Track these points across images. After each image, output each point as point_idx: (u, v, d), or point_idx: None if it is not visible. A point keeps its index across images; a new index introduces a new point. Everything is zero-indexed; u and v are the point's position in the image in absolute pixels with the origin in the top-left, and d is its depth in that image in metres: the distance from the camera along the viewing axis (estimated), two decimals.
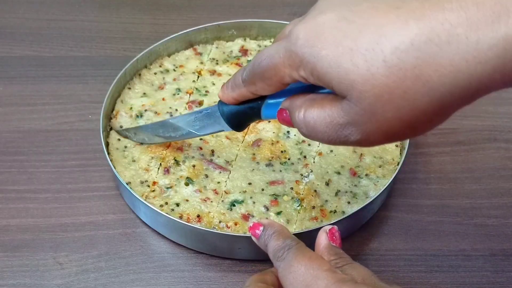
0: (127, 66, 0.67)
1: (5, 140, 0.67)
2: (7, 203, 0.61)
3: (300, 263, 0.41)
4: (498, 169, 0.66)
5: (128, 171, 0.60)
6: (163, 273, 0.56)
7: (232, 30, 0.75)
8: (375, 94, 0.34)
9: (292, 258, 0.42)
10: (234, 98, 0.46)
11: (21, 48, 0.80)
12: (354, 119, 0.36)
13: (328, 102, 0.38)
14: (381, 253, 0.58)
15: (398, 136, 0.38)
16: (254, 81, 0.43)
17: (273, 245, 0.45)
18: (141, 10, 0.87)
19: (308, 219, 0.57)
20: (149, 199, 0.58)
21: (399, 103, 0.34)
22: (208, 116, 0.52)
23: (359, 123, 0.36)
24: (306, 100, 0.40)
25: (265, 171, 0.60)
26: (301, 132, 0.41)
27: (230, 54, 0.74)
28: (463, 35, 0.32)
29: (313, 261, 0.41)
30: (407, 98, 0.34)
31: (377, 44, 0.33)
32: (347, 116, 0.37)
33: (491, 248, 0.58)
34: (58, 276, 0.55)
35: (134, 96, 0.68)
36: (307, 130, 0.40)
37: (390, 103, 0.34)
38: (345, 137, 0.38)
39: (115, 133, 0.64)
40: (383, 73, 0.34)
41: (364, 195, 0.59)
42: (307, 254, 0.42)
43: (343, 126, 0.37)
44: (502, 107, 0.72)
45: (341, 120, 0.37)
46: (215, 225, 0.56)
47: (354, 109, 0.36)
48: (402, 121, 0.35)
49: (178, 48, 0.74)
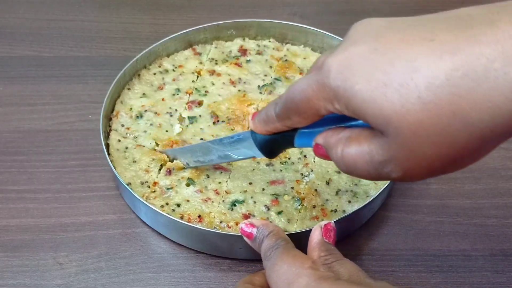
0: (126, 67, 0.67)
1: (5, 140, 0.67)
2: (7, 203, 0.61)
3: (284, 261, 0.41)
4: (498, 169, 0.66)
5: (128, 172, 0.60)
6: (163, 273, 0.56)
7: (231, 30, 0.75)
8: (411, 130, 0.33)
9: (277, 257, 0.42)
10: (267, 131, 0.46)
11: (21, 48, 0.80)
12: (393, 156, 0.35)
13: (365, 139, 0.37)
14: (381, 253, 0.58)
15: (440, 171, 0.36)
16: (289, 116, 0.42)
17: (265, 245, 0.45)
18: (141, 10, 0.87)
19: (309, 219, 0.57)
20: (150, 199, 0.58)
21: (437, 140, 0.33)
22: (240, 142, 0.52)
23: (399, 160, 0.35)
24: (342, 138, 0.39)
25: (266, 170, 0.61)
26: (340, 169, 0.40)
27: (229, 54, 0.74)
28: (500, 71, 0.30)
29: (296, 260, 0.41)
30: (445, 135, 0.33)
31: (411, 79, 0.32)
32: (386, 153, 0.36)
33: (491, 248, 0.58)
34: (58, 276, 0.55)
35: (133, 96, 0.68)
36: (347, 168, 0.39)
37: (428, 140, 0.33)
38: (386, 174, 0.37)
39: (115, 134, 0.64)
40: (419, 109, 0.32)
41: (365, 194, 0.59)
42: (292, 253, 0.43)
43: (383, 164, 0.36)
44: None
45: (380, 157, 0.36)
46: (216, 225, 0.56)
47: (392, 146, 0.35)
48: (442, 158, 0.34)
49: (177, 48, 0.74)
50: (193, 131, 0.64)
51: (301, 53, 0.74)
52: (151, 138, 0.63)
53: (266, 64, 0.72)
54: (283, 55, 0.74)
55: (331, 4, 0.89)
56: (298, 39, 0.76)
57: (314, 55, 0.74)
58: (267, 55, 0.74)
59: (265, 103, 0.66)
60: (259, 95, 0.68)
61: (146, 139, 0.63)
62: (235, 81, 0.70)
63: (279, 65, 0.72)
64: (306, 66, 0.72)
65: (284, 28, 0.75)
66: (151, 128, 0.64)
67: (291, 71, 0.71)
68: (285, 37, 0.76)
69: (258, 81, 0.70)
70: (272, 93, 0.68)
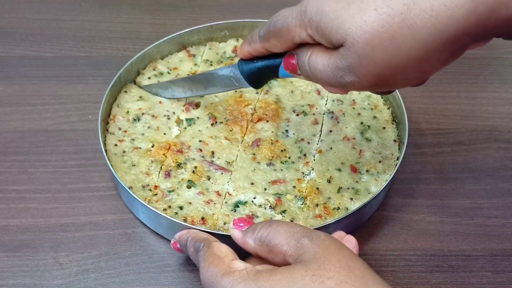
0: (121, 71, 0.67)
1: (5, 140, 0.67)
2: (7, 203, 0.61)
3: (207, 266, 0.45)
4: (498, 169, 0.66)
5: (129, 176, 0.60)
6: (163, 273, 0.56)
7: (225, 31, 0.75)
8: (367, 39, 0.39)
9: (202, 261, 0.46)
10: (249, 52, 0.52)
11: (21, 48, 0.80)
12: (349, 62, 0.41)
13: (327, 49, 0.44)
14: (381, 253, 0.58)
15: (388, 80, 0.42)
16: (268, 38, 0.48)
17: (190, 254, 0.49)
18: (141, 10, 0.87)
19: (313, 217, 0.57)
20: (152, 203, 0.57)
21: (387, 47, 0.39)
22: (227, 73, 0.57)
23: (353, 65, 0.41)
24: (313, 46, 0.45)
25: (266, 170, 0.61)
26: (304, 72, 0.47)
27: (224, 55, 0.74)
28: None
29: (214, 265, 0.44)
30: (394, 42, 0.39)
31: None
32: (343, 60, 0.42)
33: (491, 248, 0.58)
34: (58, 276, 0.55)
35: (130, 100, 0.67)
36: (309, 70, 0.46)
37: (379, 47, 0.39)
38: (340, 77, 0.43)
39: (112, 138, 0.63)
40: (374, 19, 0.39)
41: (366, 191, 0.59)
42: (210, 258, 0.45)
43: (339, 68, 0.42)
44: (502, 107, 0.72)
45: (338, 63, 0.42)
46: (220, 227, 0.56)
47: (349, 53, 0.41)
48: (390, 64, 0.40)
49: (171, 50, 0.73)
50: (192, 133, 0.64)
51: None
52: (149, 140, 0.63)
53: None
54: None
55: None
56: None
57: None
58: None
59: (262, 103, 0.66)
60: (256, 95, 0.68)
61: (143, 142, 0.63)
62: None
63: None
64: None
65: None
66: (149, 131, 0.64)
67: None
68: None
69: None
70: (268, 93, 0.68)
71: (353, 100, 0.68)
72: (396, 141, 0.64)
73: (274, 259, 0.44)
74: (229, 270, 0.43)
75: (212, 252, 0.45)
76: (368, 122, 0.66)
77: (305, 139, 0.64)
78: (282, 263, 0.43)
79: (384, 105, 0.68)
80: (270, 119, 0.65)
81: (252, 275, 0.41)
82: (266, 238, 0.44)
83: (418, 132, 0.69)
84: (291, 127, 0.65)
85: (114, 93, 0.67)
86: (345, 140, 0.64)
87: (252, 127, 0.64)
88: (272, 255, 0.44)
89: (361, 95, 0.69)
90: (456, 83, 0.76)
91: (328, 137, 0.64)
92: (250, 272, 0.42)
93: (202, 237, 0.49)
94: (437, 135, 0.69)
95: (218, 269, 0.43)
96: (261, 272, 0.41)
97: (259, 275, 0.41)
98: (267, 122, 0.65)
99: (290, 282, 0.39)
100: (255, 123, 0.65)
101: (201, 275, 0.45)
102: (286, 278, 0.40)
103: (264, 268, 0.42)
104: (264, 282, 0.40)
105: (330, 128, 0.65)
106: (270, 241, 0.44)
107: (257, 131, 0.64)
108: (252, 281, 0.41)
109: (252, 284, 0.40)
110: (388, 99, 0.68)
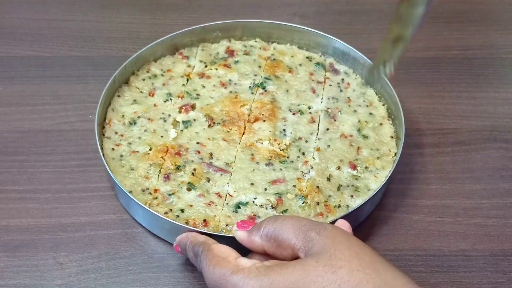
0: (115, 74, 0.67)
1: (5, 140, 0.67)
2: (7, 203, 0.61)
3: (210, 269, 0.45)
4: (498, 169, 0.66)
5: (128, 180, 0.60)
6: (163, 273, 0.56)
7: (217, 31, 0.75)
8: None
9: (203, 264, 0.46)
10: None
11: (21, 48, 0.79)
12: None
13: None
14: (381, 253, 0.57)
15: None
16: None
17: (190, 257, 0.49)
18: (141, 10, 0.87)
19: (314, 216, 0.57)
20: (153, 207, 0.57)
21: None
22: None
23: None
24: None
25: (266, 170, 0.61)
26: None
27: (217, 56, 0.73)
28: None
29: (220, 265, 0.45)
30: None
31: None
32: None
33: (491, 248, 0.58)
34: (58, 276, 0.55)
35: (124, 103, 0.67)
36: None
37: None
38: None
39: (109, 143, 0.63)
40: None
41: (366, 187, 0.59)
42: (214, 260, 0.46)
43: None
44: (502, 107, 0.72)
45: None
46: (223, 228, 0.56)
47: None
48: None
49: (164, 52, 0.73)
50: (189, 135, 0.64)
51: (288, 51, 0.74)
52: (146, 144, 0.63)
53: (254, 64, 0.72)
54: (270, 54, 0.74)
55: (331, 4, 0.89)
56: (284, 37, 0.75)
57: (301, 52, 0.74)
58: (254, 55, 0.74)
59: (257, 103, 0.66)
60: (251, 95, 0.68)
61: (141, 145, 0.63)
62: (226, 82, 0.70)
63: (268, 64, 0.72)
64: (294, 64, 0.72)
65: (270, 27, 0.75)
66: (146, 134, 0.64)
67: (280, 69, 0.71)
68: (270, 37, 0.76)
69: (248, 81, 0.70)
70: (263, 93, 0.68)
71: (348, 97, 0.69)
72: (393, 137, 0.64)
73: (282, 254, 0.44)
74: (237, 268, 0.43)
75: (214, 254, 0.46)
76: (364, 119, 0.66)
77: (302, 138, 0.64)
78: (290, 257, 0.43)
79: (379, 102, 0.68)
80: (267, 119, 0.65)
81: (263, 270, 0.41)
82: (273, 233, 0.44)
83: (418, 132, 0.69)
84: (288, 126, 0.65)
85: (109, 97, 0.67)
86: (342, 137, 0.64)
87: (250, 128, 0.64)
88: (281, 250, 0.44)
89: (356, 92, 0.69)
90: (456, 83, 0.76)
91: (325, 135, 0.64)
92: (260, 268, 0.42)
93: (200, 240, 0.49)
94: (437, 135, 0.69)
95: (225, 269, 0.43)
96: (271, 267, 0.41)
97: (270, 270, 0.41)
98: (264, 122, 0.65)
99: (302, 274, 0.40)
100: (252, 123, 0.65)
101: (206, 278, 0.45)
102: (299, 270, 0.40)
103: (272, 264, 0.43)
104: (277, 276, 0.40)
105: (327, 126, 0.65)
106: (278, 235, 0.44)
107: (255, 131, 0.64)
108: (264, 276, 0.41)
109: (264, 279, 0.41)
110: (383, 95, 0.68)
